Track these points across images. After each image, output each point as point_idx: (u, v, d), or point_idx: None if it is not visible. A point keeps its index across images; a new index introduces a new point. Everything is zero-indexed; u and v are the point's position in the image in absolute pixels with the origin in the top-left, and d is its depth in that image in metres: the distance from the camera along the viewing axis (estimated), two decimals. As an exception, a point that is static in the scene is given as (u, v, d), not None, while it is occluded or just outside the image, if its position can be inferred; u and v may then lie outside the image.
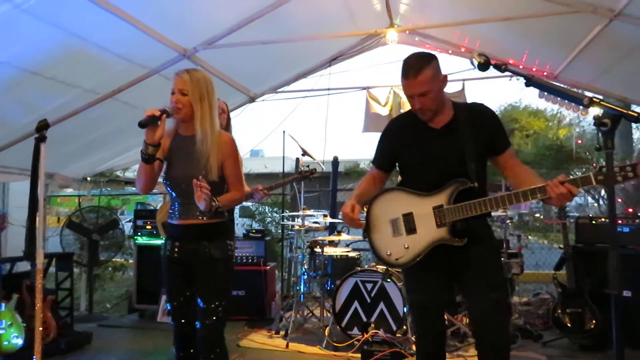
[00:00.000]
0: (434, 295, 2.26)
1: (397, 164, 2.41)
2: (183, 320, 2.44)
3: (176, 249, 2.42)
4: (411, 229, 2.21)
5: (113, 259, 6.55)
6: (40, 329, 2.13)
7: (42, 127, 2.12)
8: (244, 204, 4.18)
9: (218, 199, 2.29)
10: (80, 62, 3.77)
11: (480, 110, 2.29)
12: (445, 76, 2.21)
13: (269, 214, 9.01)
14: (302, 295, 4.76)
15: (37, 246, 2.10)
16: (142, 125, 2.21)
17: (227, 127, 3.74)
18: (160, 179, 2.50)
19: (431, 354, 2.29)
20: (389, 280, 4.10)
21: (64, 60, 3.65)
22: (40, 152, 2.08)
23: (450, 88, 5.68)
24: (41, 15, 3.14)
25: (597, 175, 1.86)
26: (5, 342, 3.62)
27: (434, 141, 2.24)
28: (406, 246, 2.21)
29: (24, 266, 4.18)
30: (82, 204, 6.25)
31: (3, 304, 3.67)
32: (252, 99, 5.93)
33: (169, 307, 2.49)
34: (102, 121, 4.73)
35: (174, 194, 2.45)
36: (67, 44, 3.51)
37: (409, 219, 2.22)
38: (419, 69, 2.11)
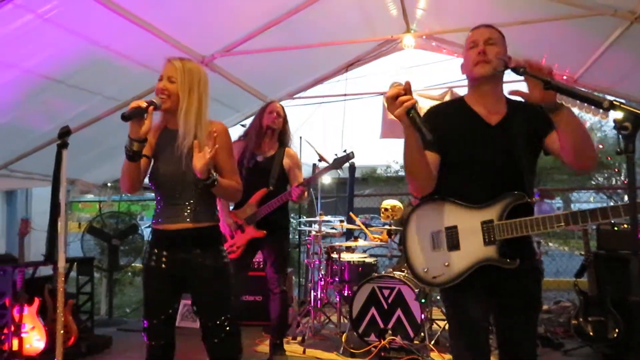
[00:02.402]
0: (480, 313, 1.95)
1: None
2: (162, 342, 2.18)
3: (163, 259, 2.16)
4: (454, 244, 1.92)
5: (132, 264, 6.63)
6: (62, 332, 2.16)
7: (64, 133, 2.16)
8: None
9: (218, 177, 2.09)
10: (101, 70, 3.84)
11: (525, 106, 1.98)
12: (510, 57, 1.93)
13: (286, 220, 9.02)
14: (319, 301, 4.76)
15: (58, 250, 2.13)
16: (125, 117, 1.99)
17: (284, 131, 3.73)
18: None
19: None
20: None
21: (85, 68, 3.73)
22: (62, 158, 2.11)
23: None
24: (63, 24, 3.21)
25: None
26: (28, 345, 3.69)
27: (487, 140, 1.93)
28: (446, 264, 1.92)
29: (46, 271, 4.26)
30: (102, 210, 6.35)
31: (26, 308, 3.74)
32: (269, 105, 5.97)
33: (145, 325, 2.18)
34: (122, 128, 4.78)
35: (159, 195, 2.22)
36: (89, 52, 3.58)
37: (452, 233, 1.93)
38: (491, 26, 2.04)
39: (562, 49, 4.57)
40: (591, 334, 3.96)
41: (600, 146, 11.36)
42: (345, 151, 3.68)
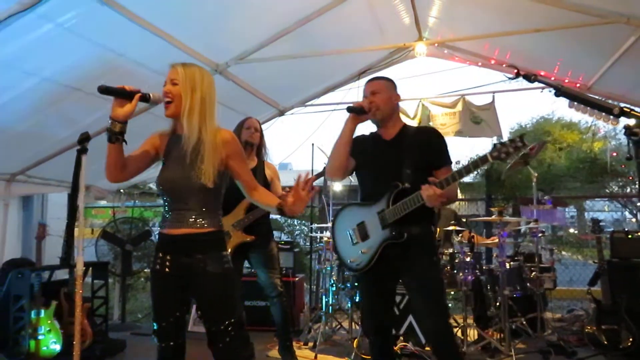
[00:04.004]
0: (378, 297, 2.62)
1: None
2: (172, 343, 2.18)
3: (167, 263, 2.17)
4: (365, 235, 2.57)
5: (145, 269, 6.69)
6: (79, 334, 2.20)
7: (84, 139, 2.21)
8: (272, 215, 4.22)
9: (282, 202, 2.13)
10: (118, 78, 3.88)
11: (426, 129, 2.87)
12: (399, 97, 2.68)
13: (298, 226, 9.06)
14: (330, 307, 4.77)
15: (76, 254, 2.17)
16: (101, 89, 2.02)
17: (260, 145, 3.82)
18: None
19: (380, 347, 2.66)
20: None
21: (102, 76, 3.78)
22: (82, 163, 2.16)
23: (480, 100, 5.69)
24: (82, 33, 3.29)
25: (492, 153, 2.19)
26: (44, 348, 3.74)
27: (381, 150, 2.62)
28: (363, 251, 2.55)
29: (61, 275, 4.32)
30: (116, 216, 6.42)
31: (42, 311, 3.80)
32: (281, 113, 6.03)
33: (155, 327, 2.20)
34: (137, 135, 4.83)
35: (165, 200, 2.22)
36: (106, 60, 3.65)
37: (362, 227, 2.59)
38: (377, 78, 2.72)
39: (575, 57, 4.57)
40: (605, 342, 3.93)
41: (614, 154, 11.27)
42: None
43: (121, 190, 6.39)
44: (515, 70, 1.73)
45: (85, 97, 3.91)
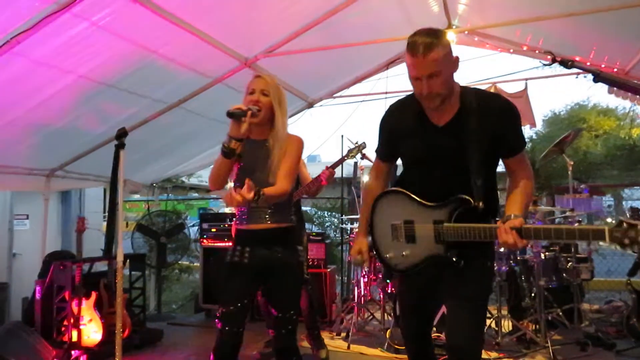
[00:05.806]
0: (420, 303, 2.29)
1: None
2: (235, 329, 2.29)
3: (246, 254, 2.35)
4: (411, 237, 2.09)
5: (179, 261, 6.83)
6: (120, 324, 2.28)
7: (121, 134, 2.27)
8: (302, 207, 4.27)
9: (263, 191, 2.11)
10: (150, 74, 3.98)
11: (492, 103, 1.98)
12: (457, 58, 1.94)
13: (328, 218, 9.09)
14: (362, 298, 4.78)
15: (116, 246, 2.25)
16: (229, 114, 2.19)
17: None
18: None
19: (417, 353, 2.35)
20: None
21: (135, 72, 3.87)
22: (120, 157, 2.22)
23: (512, 88, 5.57)
24: (115, 31, 3.35)
25: (613, 232, 1.66)
26: (86, 337, 3.88)
27: (434, 141, 2.01)
28: (404, 254, 2.10)
29: (100, 266, 4.45)
30: (150, 209, 6.57)
31: (83, 301, 3.93)
32: (310, 105, 6.03)
33: (221, 311, 2.31)
34: (169, 129, 4.96)
35: None
36: (138, 57, 3.72)
37: (409, 227, 2.09)
38: (430, 46, 1.83)
39: (611, 42, 4.41)
40: (646, 334, 3.83)
41: (656, 140, 10.88)
42: (357, 142, 4.02)
43: (154, 184, 6.52)
44: (551, 56, 1.69)
45: (119, 93, 4.00)
